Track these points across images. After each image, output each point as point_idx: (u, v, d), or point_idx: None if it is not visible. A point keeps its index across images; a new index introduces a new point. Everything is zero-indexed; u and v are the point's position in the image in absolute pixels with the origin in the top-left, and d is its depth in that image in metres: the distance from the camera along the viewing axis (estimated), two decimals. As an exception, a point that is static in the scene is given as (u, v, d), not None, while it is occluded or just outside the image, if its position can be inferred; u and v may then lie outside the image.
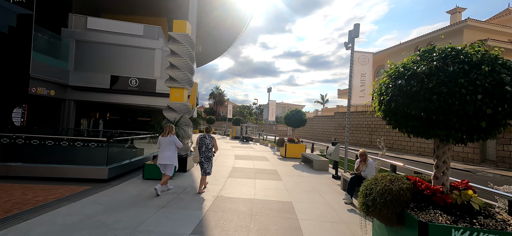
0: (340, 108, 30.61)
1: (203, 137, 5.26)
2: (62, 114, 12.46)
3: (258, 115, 59.62)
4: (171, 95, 7.79)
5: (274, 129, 42.89)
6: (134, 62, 13.46)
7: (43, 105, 12.11)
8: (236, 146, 17.01)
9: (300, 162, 11.05)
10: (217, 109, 59.84)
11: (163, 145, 5.08)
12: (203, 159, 5.19)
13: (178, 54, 7.68)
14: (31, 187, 4.87)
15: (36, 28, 11.44)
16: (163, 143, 5.09)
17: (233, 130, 26.63)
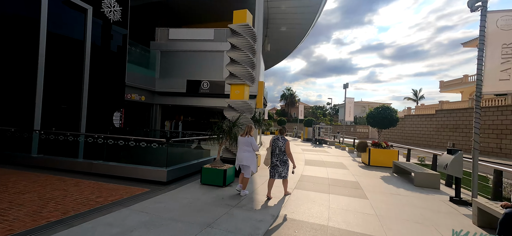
0: (444, 105, 23.94)
1: (276, 138, 4.93)
2: (150, 117, 14.26)
3: (333, 116, 55.01)
4: (231, 93, 7.21)
5: (352, 131, 38.16)
6: (205, 66, 14.06)
7: (136, 109, 14.17)
8: (308, 149, 15.40)
9: (391, 172, 8.56)
10: (288, 110, 58.95)
11: (241, 145, 5.05)
12: (278, 162, 4.87)
13: (238, 48, 7.02)
14: (102, 186, 5.06)
15: (130, 43, 13.44)
16: (241, 143, 5.06)
17: (305, 132, 24.91)
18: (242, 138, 5.07)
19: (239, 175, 5.17)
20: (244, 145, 5.01)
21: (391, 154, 9.84)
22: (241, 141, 5.06)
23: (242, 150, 5.01)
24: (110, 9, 10.61)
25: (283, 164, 4.87)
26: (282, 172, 4.87)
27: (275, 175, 4.87)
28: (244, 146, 5.00)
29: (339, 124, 43.12)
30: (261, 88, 13.43)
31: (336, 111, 58.37)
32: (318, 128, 20.53)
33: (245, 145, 5.00)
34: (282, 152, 4.85)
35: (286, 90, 59.03)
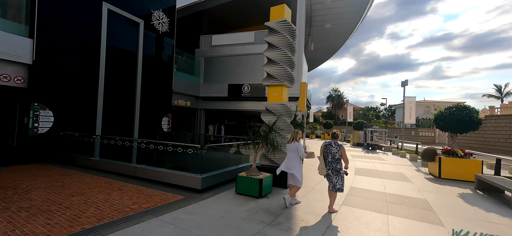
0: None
1: (328, 144, 4.37)
2: (195, 122, 14.86)
3: (388, 118, 49.32)
4: (268, 95, 6.70)
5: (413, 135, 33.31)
6: (246, 70, 13.95)
7: (182, 114, 14.95)
8: (358, 156, 13.76)
9: (472, 189, 6.75)
10: (336, 113, 55.41)
11: (288, 152, 4.84)
12: (331, 172, 4.29)
13: (275, 46, 6.48)
14: (141, 191, 5.14)
15: (177, 52, 14.28)
16: (288, 150, 4.85)
17: (355, 135, 22.68)
18: (289, 145, 4.85)
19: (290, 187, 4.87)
20: (291, 151, 4.77)
21: (472, 165, 7.84)
22: (288, 148, 4.86)
23: (289, 157, 4.79)
24: (159, 22, 11.38)
25: (337, 174, 4.25)
26: (337, 183, 4.25)
27: (329, 186, 4.38)
28: (291, 152, 4.78)
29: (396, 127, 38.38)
30: (303, 89, 12.59)
31: (392, 112, 52.15)
32: (371, 131, 18.33)
33: (291, 152, 4.77)
34: (335, 160, 4.25)
35: (333, 91, 55.65)
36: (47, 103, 7.59)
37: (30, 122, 7.22)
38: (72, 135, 7.60)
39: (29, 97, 7.29)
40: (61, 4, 7.93)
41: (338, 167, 4.24)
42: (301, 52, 12.90)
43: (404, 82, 16.55)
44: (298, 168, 4.69)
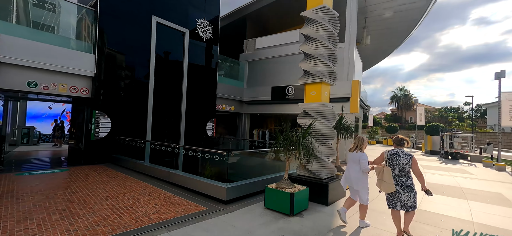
0: None
1: (394, 153, 3.53)
2: (240, 126, 14.79)
3: (476, 120, 39.95)
4: (305, 94, 5.80)
5: (515, 141, 25.75)
6: (290, 71, 13.14)
7: (226, 119, 15.09)
8: (432, 166, 11.10)
9: None
10: (402, 115, 48.17)
11: (350, 163, 4.09)
12: (400, 188, 3.42)
13: (312, 38, 5.56)
14: (168, 198, 5.02)
15: (220, 58, 14.57)
16: (350, 160, 4.10)
17: (427, 141, 18.85)
18: (351, 154, 4.09)
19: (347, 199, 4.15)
20: (353, 162, 4.01)
21: None
22: (350, 157, 4.10)
23: (350, 168, 4.05)
24: (203, 29, 11.76)
25: (409, 191, 3.38)
26: (408, 201, 3.37)
27: (397, 205, 3.45)
28: (352, 163, 4.02)
29: (489, 131, 30.69)
30: (356, 88, 10.99)
31: (482, 113, 42.03)
32: (450, 136, 14.79)
33: (353, 163, 4.01)
34: (405, 173, 3.41)
35: (398, 90, 48.57)
36: (106, 110, 8.54)
37: (92, 128, 8.22)
38: (124, 140, 8.32)
39: (92, 105, 8.33)
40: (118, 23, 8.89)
41: (409, 182, 3.38)
42: (352, 46, 11.34)
43: (499, 73, 12.74)
44: (363, 182, 3.90)
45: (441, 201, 5.59)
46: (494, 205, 5.47)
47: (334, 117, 5.60)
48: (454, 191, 6.59)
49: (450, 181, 7.96)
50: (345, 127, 6.77)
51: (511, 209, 5.22)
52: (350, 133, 6.80)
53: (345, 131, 6.71)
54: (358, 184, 3.89)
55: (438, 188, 6.89)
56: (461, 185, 7.40)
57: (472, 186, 7.30)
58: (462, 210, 5.04)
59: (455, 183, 7.67)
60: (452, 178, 8.51)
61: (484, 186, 7.43)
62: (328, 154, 5.40)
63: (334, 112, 5.56)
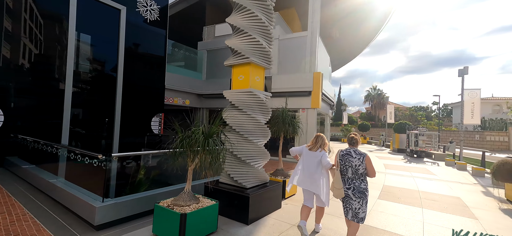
0: None
1: (346, 153, 3.06)
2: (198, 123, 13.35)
3: (443, 119, 41.74)
4: (233, 80, 4.60)
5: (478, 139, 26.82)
6: None
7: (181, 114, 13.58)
8: (395, 166, 10.50)
9: None
10: (376, 113, 49.23)
11: (307, 163, 3.48)
12: (352, 193, 2.92)
13: (241, 7, 4.35)
14: (25, 219, 3.55)
15: (174, 45, 12.98)
16: (307, 160, 3.49)
17: (395, 139, 18.71)
18: (310, 153, 3.50)
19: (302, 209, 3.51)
20: (312, 162, 3.44)
21: None
22: (308, 157, 3.50)
23: (308, 168, 3.47)
24: (146, 9, 10.15)
25: (361, 197, 2.92)
26: (360, 210, 2.93)
27: (348, 213, 2.99)
28: (312, 164, 3.44)
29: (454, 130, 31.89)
30: (318, 81, 10.05)
31: (449, 112, 44.04)
32: (415, 135, 14.51)
33: (312, 163, 3.44)
34: (358, 175, 2.97)
35: (372, 89, 49.52)
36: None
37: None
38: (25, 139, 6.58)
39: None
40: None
41: (362, 187, 2.95)
42: (315, 36, 10.38)
43: (462, 70, 12.52)
44: (320, 185, 3.38)
45: (393, 211, 4.69)
46: (450, 214, 4.66)
47: (268, 110, 4.45)
48: (411, 197, 5.78)
49: (409, 183, 7.24)
50: (289, 121, 5.65)
51: (468, 219, 4.42)
52: (295, 129, 5.69)
53: (290, 126, 5.60)
54: (320, 185, 3.37)
55: (395, 193, 6.05)
56: (420, 188, 6.66)
57: (431, 189, 6.59)
58: (414, 222, 4.13)
59: (414, 186, 6.93)
60: (413, 180, 7.82)
61: (444, 188, 6.75)
62: (258, 157, 4.24)
63: (267, 105, 4.41)
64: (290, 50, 11.00)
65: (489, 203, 5.50)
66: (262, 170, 4.33)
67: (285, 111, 5.70)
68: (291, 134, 5.61)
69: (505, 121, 26.50)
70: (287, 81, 10.67)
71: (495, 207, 5.24)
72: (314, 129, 10.24)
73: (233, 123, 4.12)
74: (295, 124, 5.66)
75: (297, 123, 5.75)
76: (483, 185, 7.42)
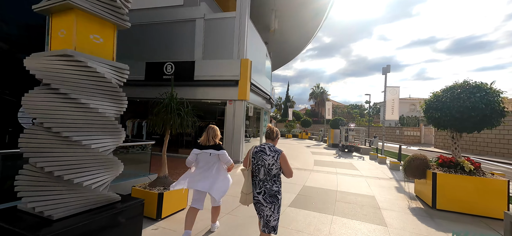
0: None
1: (260, 150, 2.53)
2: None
3: (373, 116, 46.91)
4: (51, 39, 2.87)
5: (398, 134, 30.55)
6: (171, 43, 10.13)
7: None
8: (324, 162, 10.26)
9: (494, 230, 3.26)
10: (319, 110, 52.42)
11: (201, 161, 3.10)
12: (262, 197, 2.45)
13: None
14: None
15: None
16: (201, 156, 3.09)
17: (330, 135, 19.38)
18: (202, 151, 3.07)
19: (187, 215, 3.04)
20: (206, 159, 3.06)
21: (491, 188, 4.46)
22: (200, 155, 3.08)
23: (201, 166, 3.07)
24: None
25: (273, 202, 2.42)
26: (271, 217, 2.43)
27: (260, 221, 2.52)
28: (206, 162, 3.07)
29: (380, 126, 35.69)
30: (246, 69, 8.94)
31: (377, 110, 49.81)
32: (346, 130, 14.99)
33: (207, 160, 3.06)
34: (271, 176, 2.46)
35: (316, 87, 52.52)
36: None
37: None
38: None
39: None
40: None
41: (274, 190, 2.44)
42: (244, 18, 9.22)
43: (385, 68, 13.24)
44: (222, 181, 3.08)
45: (300, 224, 3.78)
46: (360, 221, 4.00)
47: (118, 95, 2.88)
48: (326, 200, 5.09)
49: (331, 182, 6.72)
50: (181, 111, 4.23)
51: (377, 227, 3.80)
52: (184, 122, 4.30)
53: (180, 117, 4.18)
54: (215, 184, 3.04)
55: (311, 196, 5.30)
56: (339, 187, 6.14)
57: (350, 188, 6.13)
58: (324, 228, 3.23)
59: (335, 185, 6.41)
60: (335, 177, 7.39)
61: (362, 186, 6.40)
62: (89, 168, 2.64)
63: (114, 84, 2.83)
64: (217, 32, 9.61)
65: (400, 202, 5.18)
66: (96, 191, 2.76)
67: (174, 97, 4.27)
68: (179, 128, 4.21)
69: (418, 118, 30.78)
70: (212, 68, 9.27)
71: (405, 206, 4.90)
72: (242, 123, 9.13)
73: (36, 111, 2.45)
74: (186, 116, 4.26)
75: (187, 112, 4.36)
76: (398, 179, 7.47)
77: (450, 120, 4.95)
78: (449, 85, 5.26)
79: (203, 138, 3.17)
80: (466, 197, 4.61)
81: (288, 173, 2.49)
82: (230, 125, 9.22)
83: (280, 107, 53.75)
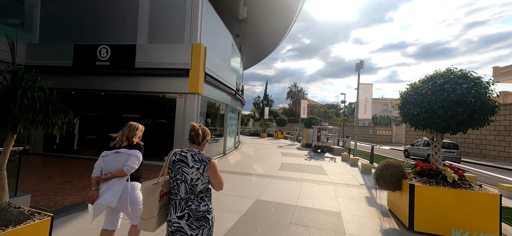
0: (508, 97, 16.40)
1: (179, 159, 1.87)
2: (21, 109, 8.76)
3: (348, 116, 47.60)
4: None
5: (371, 133, 30.83)
6: (107, 21, 8.33)
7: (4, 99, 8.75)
8: (291, 165, 9.11)
9: None
10: (296, 109, 52.17)
11: (111, 166, 2.44)
12: (186, 224, 1.78)
13: None
14: None
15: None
16: (111, 162, 2.45)
17: (304, 134, 18.50)
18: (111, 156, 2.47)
19: None
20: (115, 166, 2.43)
21: (478, 201, 3.49)
22: (110, 159, 2.45)
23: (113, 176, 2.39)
24: None
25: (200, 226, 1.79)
26: None
27: None
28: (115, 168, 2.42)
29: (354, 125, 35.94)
30: (198, 55, 7.49)
31: (352, 110, 50.74)
32: (318, 129, 14.09)
33: (115, 166, 2.43)
34: (195, 194, 1.83)
35: (293, 86, 52.18)
36: None
37: None
38: None
39: None
40: None
41: (201, 210, 1.81)
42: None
43: (359, 64, 12.48)
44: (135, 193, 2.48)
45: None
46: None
47: None
48: (280, 221, 3.85)
49: (292, 192, 5.52)
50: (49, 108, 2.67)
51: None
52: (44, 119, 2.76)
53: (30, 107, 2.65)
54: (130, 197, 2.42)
55: (261, 216, 4.01)
56: (300, 201, 4.94)
57: (313, 201, 4.96)
58: None
59: (295, 197, 5.21)
60: (299, 185, 6.22)
61: (328, 198, 5.27)
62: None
63: None
64: (166, 10, 8.01)
65: (370, 222, 4.08)
66: None
67: (22, 74, 2.69)
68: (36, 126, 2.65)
69: (390, 118, 31.34)
70: (158, 54, 7.66)
71: (376, 229, 3.80)
72: (194, 121, 7.64)
73: None
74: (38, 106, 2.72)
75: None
76: (369, 185, 6.51)
77: (432, 118, 3.93)
78: (430, 75, 4.26)
79: (118, 137, 2.60)
80: (451, 214, 3.61)
81: (217, 186, 1.92)
82: (180, 122, 7.70)
83: (258, 106, 52.67)
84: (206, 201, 1.86)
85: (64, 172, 6.30)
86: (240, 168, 8.16)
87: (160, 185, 1.88)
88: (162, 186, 1.88)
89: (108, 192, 2.37)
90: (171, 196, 1.88)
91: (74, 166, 7.04)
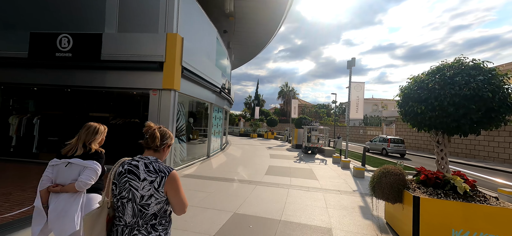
0: None
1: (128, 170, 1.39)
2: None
3: (339, 116, 47.53)
4: None
5: (362, 133, 30.65)
6: (69, 6, 7.35)
7: None
8: (278, 169, 8.38)
9: None
10: (288, 109, 51.73)
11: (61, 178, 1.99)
12: None
13: None
14: None
15: None
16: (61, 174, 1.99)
17: (294, 135, 17.86)
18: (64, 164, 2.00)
19: None
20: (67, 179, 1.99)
21: (498, 219, 2.84)
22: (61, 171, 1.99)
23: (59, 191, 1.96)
24: None
25: None
26: None
27: None
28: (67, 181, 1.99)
29: (345, 125, 35.73)
30: (173, 46, 6.64)
31: (343, 110, 50.75)
32: (309, 130, 13.46)
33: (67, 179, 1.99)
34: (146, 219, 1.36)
35: (284, 86, 51.73)
36: None
37: None
38: None
39: None
40: None
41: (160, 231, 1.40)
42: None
43: (350, 62, 11.93)
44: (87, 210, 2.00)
45: None
46: None
47: None
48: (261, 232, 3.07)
49: (277, 202, 4.79)
50: None
51: None
52: None
53: None
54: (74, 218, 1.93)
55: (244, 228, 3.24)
56: (285, 214, 4.21)
57: (300, 213, 4.24)
58: None
59: (280, 208, 4.47)
60: (286, 193, 5.49)
61: (317, 208, 4.57)
62: None
63: None
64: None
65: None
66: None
67: None
68: None
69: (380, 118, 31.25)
70: (129, 45, 6.76)
71: (376, 251, 3.11)
72: (169, 121, 6.81)
73: None
74: None
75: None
76: (362, 192, 5.87)
77: (440, 117, 3.28)
78: (436, 66, 3.62)
79: (72, 143, 2.09)
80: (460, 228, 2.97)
81: (178, 207, 1.42)
82: (154, 122, 6.80)
83: (249, 106, 51.89)
84: (160, 231, 1.38)
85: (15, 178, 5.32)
86: (222, 173, 7.37)
87: (105, 207, 1.43)
88: (108, 208, 1.43)
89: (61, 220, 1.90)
90: (115, 221, 1.42)
91: (30, 173, 6.04)
